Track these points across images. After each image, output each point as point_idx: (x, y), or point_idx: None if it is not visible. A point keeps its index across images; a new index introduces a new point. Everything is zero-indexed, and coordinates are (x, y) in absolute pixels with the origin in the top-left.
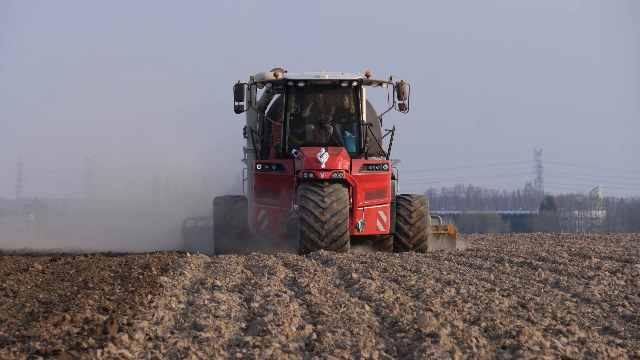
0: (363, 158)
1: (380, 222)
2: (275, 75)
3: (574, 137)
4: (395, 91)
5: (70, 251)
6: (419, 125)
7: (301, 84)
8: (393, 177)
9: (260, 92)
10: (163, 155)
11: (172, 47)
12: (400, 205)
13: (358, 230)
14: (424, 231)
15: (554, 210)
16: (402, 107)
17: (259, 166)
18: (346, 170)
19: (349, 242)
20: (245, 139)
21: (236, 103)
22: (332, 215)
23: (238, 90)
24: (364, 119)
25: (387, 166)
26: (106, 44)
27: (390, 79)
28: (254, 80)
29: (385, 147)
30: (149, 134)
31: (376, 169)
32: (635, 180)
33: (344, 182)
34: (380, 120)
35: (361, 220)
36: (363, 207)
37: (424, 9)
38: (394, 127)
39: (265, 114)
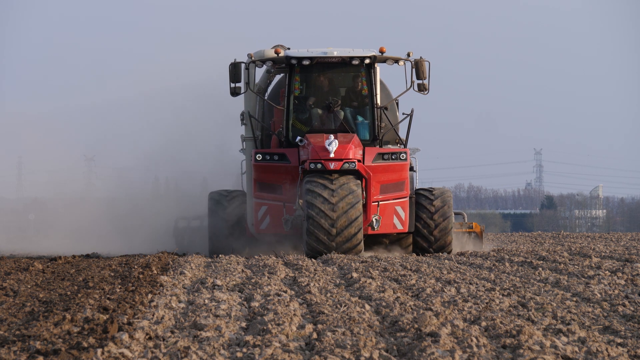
0: (377, 146)
1: (398, 219)
2: (276, 52)
3: (574, 137)
4: (414, 69)
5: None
6: (419, 124)
7: (306, 62)
8: (412, 168)
9: (259, 72)
10: (162, 153)
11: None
12: (420, 200)
13: (372, 228)
14: (448, 229)
15: (554, 209)
16: (422, 88)
17: (259, 156)
18: (358, 160)
19: (362, 242)
20: (243, 126)
21: (232, 85)
22: (344, 212)
23: (234, 70)
24: (378, 101)
25: (404, 155)
26: (102, 38)
27: (408, 55)
28: (253, 58)
29: (402, 134)
30: (148, 129)
31: (393, 159)
32: (635, 180)
33: (357, 174)
34: (397, 103)
35: (376, 217)
36: (378, 202)
37: (424, 8)
38: (412, 111)
39: (266, 97)
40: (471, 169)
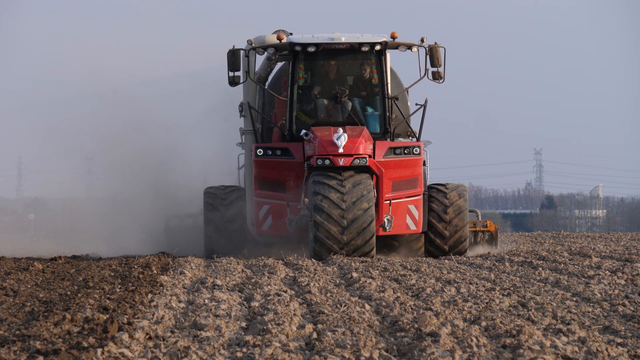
0: (388, 139)
1: (411, 218)
2: (278, 38)
3: (574, 136)
4: (428, 56)
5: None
6: (418, 122)
7: (311, 49)
8: (423, 163)
9: (260, 60)
10: (162, 153)
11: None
12: (433, 197)
13: (384, 229)
14: (463, 230)
15: (554, 209)
16: (437, 76)
17: (260, 151)
18: (369, 155)
19: (375, 245)
20: (242, 118)
21: (231, 74)
22: (355, 212)
23: (233, 58)
24: (389, 91)
25: (418, 149)
26: (97, 32)
27: (422, 41)
28: (253, 44)
29: (414, 126)
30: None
31: (405, 153)
32: (635, 180)
33: (367, 170)
34: (407, 93)
35: (388, 217)
36: (390, 200)
37: (424, 6)
38: (426, 101)
39: (267, 87)
40: (471, 169)
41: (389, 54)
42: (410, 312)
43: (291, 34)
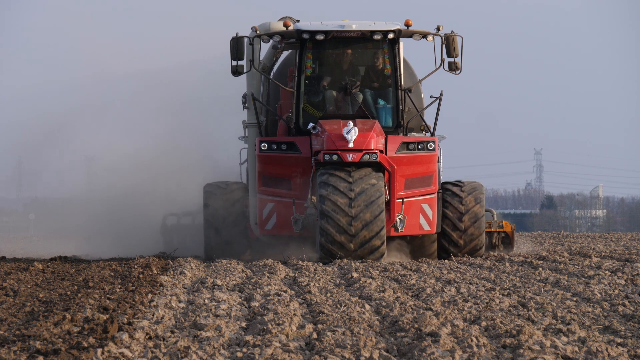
0: (401, 134)
1: (425, 218)
2: (285, 25)
3: (575, 136)
4: (444, 46)
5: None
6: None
7: (320, 37)
8: (437, 159)
9: (265, 48)
10: (162, 153)
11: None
12: (447, 196)
13: (396, 229)
14: (479, 239)
15: (554, 209)
16: (453, 67)
17: (265, 145)
18: (380, 151)
19: (385, 246)
20: (246, 110)
21: (234, 63)
22: (364, 211)
23: (237, 46)
24: (403, 82)
25: (432, 145)
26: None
27: (438, 29)
28: (258, 32)
29: (429, 120)
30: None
31: (419, 149)
32: (635, 180)
33: (378, 166)
34: (420, 85)
35: (400, 217)
36: (402, 198)
37: (423, 5)
38: (441, 93)
39: (272, 77)
40: (471, 169)
41: (402, 43)
42: (410, 312)
43: (298, 21)
